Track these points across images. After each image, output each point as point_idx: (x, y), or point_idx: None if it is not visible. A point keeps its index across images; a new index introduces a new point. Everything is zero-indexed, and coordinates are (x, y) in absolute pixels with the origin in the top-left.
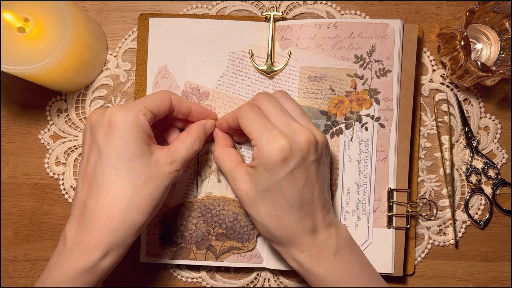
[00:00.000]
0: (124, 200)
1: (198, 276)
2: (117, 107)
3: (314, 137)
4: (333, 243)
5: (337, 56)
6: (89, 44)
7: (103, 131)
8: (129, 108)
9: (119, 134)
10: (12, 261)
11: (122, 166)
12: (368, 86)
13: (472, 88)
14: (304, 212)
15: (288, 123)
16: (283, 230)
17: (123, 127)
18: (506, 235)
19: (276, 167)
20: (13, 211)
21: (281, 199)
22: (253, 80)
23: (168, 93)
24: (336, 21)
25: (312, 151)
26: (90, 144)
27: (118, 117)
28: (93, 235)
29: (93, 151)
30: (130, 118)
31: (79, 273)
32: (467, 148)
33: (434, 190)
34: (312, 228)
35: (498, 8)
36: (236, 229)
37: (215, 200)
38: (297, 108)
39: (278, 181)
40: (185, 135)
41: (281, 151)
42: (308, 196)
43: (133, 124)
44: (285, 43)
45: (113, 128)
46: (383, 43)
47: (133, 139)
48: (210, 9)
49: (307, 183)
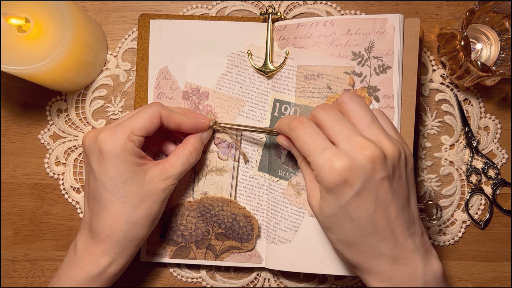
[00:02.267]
0: (123, 218)
1: (198, 276)
2: (106, 133)
3: (380, 152)
4: (420, 276)
5: (334, 53)
6: (89, 44)
7: (96, 157)
8: (117, 136)
9: (110, 162)
10: (12, 261)
11: (117, 190)
12: (367, 84)
13: (472, 88)
14: (380, 236)
15: (349, 137)
16: (358, 256)
17: (112, 155)
18: (506, 235)
19: (338, 192)
20: (13, 211)
21: (351, 225)
22: (252, 80)
23: (158, 110)
24: (332, 19)
25: (378, 168)
26: (87, 167)
27: (107, 145)
28: (99, 246)
29: (90, 174)
30: (119, 146)
31: (86, 279)
32: (467, 148)
33: (434, 190)
34: (392, 255)
35: (498, 8)
36: (235, 229)
37: (213, 200)
38: (366, 114)
39: (343, 205)
40: (181, 149)
41: (339, 174)
42: (383, 219)
43: (122, 152)
44: (283, 43)
45: (104, 156)
46: (382, 39)
47: (124, 165)
48: (210, 9)
49: (378, 205)
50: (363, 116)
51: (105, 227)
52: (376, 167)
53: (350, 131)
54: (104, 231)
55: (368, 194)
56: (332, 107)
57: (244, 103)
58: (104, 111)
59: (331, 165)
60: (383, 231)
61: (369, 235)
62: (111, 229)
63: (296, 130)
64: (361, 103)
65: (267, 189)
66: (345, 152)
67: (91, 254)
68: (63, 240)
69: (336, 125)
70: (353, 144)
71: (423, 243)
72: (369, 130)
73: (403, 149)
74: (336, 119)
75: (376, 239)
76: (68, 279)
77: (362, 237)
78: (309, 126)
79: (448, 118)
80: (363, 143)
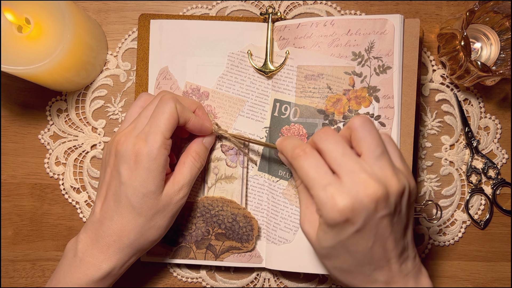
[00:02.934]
0: (134, 228)
1: (198, 276)
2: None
3: (383, 191)
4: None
5: (334, 54)
6: (89, 44)
7: (127, 164)
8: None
9: (141, 172)
10: (12, 261)
11: (136, 200)
12: (367, 84)
13: (472, 88)
14: (376, 266)
15: (353, 172)
16: (353, 282)
17: (145, 167)
18: (506, 235)
19: (338, 229)
20: (13, 211)
21: (348, 256)
22: (252, 80)
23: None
24: (333, 19)
25: (380, 207)
26: (113, 169)
27: (143, 155)
28: (103, 250)
29: (115, 178)
30: (153, 155)
31: (87, 283)
32: (467, 148)
33: (434, 190)
34: (386, 281)
35: (498, 8)
36: (235, 229)
37: (213, 200)
38: (377, 146)
39: (342, 240)
40: (185, 156)
41: (341, 213)
42: (380, 252)
43: (155, 162)
44: (283, 43)
45: (137, 165)
46: (382, 39)
47: (152, 178)
48: (210, 9)
49: (377, 240)
50: (374, 149)
51: (114, 231)
52: (379, 207)
53: (354, 166)
54: (112, 235)
55: (368, 230)
56: (334, 133)
57: (244, 103)
58: (104, 111)
59: (334, 203)
60: (379, 261)
61: (364, 265)
62: (119, 235)
63: (299, 160)
64: (374, 132)
65: (267, 189)
66: (348, 190)
67: (93, 258)
68: (63, 240)
69: (339, 157)
70: (357, 181)
71: (415, 265)
72: (376, 164)
73: (409, 183)
74: (340, 150)
75: (371, 268)
76: (68, 282)
77: (357, 267)
78: (312, 157)
79: (448, 118)
80: (367, 182)
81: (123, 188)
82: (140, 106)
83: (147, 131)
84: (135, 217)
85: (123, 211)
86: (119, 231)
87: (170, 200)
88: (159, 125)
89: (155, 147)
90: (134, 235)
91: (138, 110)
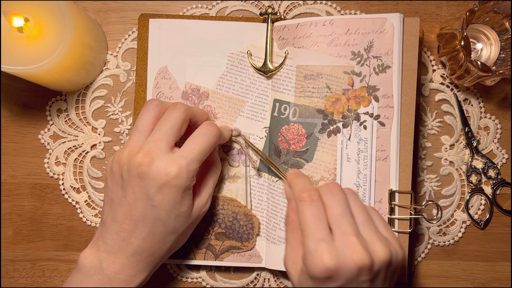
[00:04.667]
0: (165, 244)
1: (198, 276)
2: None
3: (368, 261)
4: None
5: (333, 53)
6: (89, 44)
7: (158, 188)
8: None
9: (174, 196)
10: (12, 261)
11: (169, 221)
12: (366, 83)
13: (472, 88)
14: None
15: (345, 233)
16: None
17: (178, 191)
18: (506, 235)
19: (319, 282)
20: (13, 211)
21: None
22: (252, 80)
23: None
24: (332, 18)
25: (363, 273)
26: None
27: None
28: (134, 266)
29: (142, 200)
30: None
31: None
32: (467, 148)
33: (434, 190)
34: None
35: (498, 8)
36: (235, 228)
37: (214, 199)
38: (362, 212)
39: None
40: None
41: (325, 270)
42: None
43: (188, 187)
44: (283, 43)
45: (170, 190)
46: (382, 38)
47: (183, 200)
48: (210, 9)
49: None
50: (360, 213)
51: (146, 249)
52: (362, 273)
53: (348, 228)
54: (144, 253)
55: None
56: (341, 191)
57: (244, 103)
58: (104, 111)
59: (321, 259)
60: None
61: None
62: (151, 252)
63: (304, 205)
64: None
65: (266, 189)
66: (337, 251)
67: (125, 275)
68: (63, 240)
69: (338, 215)
70: (347, 243)
71: None
72: (364, 229)
73: (396, 252)
74: (341, 210)
75: None
76: None
77: None
78: (316, 207)
79: (448, 118)
80: (355, 247)
81: (155, 212)
82: (154, 117)
83: (186, 157)
84: (167, 235)
85: (156, 231)
86: (151, 249)
87: (199, 213)
88: (200, 154)
89: (191, 175)
90: (165, 250)
91: (152, 121)
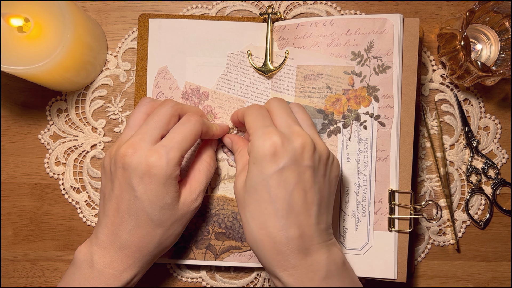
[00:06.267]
0: (152, 238)
1: (198, 276)
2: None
3: (312, 143)
4: (323, 266)
5: (333, 53)
6: (89, 44)
7: (140, 178)
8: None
9: (155, 187)
10: (12, 261)
11: (154, 213)
12: (367, 84)
13: (472, 88)
14: (292, 221)
15: (290, 125)
16: (266, 239)
17: (160, 181)
18: (506, 235)
19: (265, 163)
20: (13, 211)
21: (268, 201)
22: (252, 80)
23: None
24: (332, 18)
25: (307, 155)
26: (122, 182)
27: (157, 170)
28: (123, 261)
29: (126, 192)
30: (168, 173)
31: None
32: (467, 148)
33: (434, 190)
34: (299, 244)
35: (498, 8)
36: (235, 228)
37: (214, 199)
38: (308, 119)
39: (265, 178)
40: (200, 163)
41: (271, 145)
42: (298, 203)
43: (169, 179)
44: (283, 43)
45: (151, 179)
46: (382, 39)
47: (167, 191)
48: (210, 9)
49: (297, 187)
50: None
51: (133, 243)
52: (305, 154)
53: (293, 121)
54: (132, 246)
55: (291, 174)
56: (284, 101)
57: (244, 103)
58: (104, 111)
59: (268, 137)
60: (296, 216)
61: (281, 216)
62: (138, 246)
63: (253, 109)
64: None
65: None
66: (283, 134)
67: (114, 269)
68: (63, 240)
69: (283, 114)
70: (292, 130)
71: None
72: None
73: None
74: (285, 110)
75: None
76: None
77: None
78: (264, 110)
79: (448, 118)
80: (301, 132)
81: (138, 202)
82: (144, 113)
83: (166, 145)
84: (154, 228)
85: (141, 223)
86: (138, 243)
87: (188, 208)
88: (180, 142)
89: (172, 163)
90: (153, 245)
91: (142, 117)
